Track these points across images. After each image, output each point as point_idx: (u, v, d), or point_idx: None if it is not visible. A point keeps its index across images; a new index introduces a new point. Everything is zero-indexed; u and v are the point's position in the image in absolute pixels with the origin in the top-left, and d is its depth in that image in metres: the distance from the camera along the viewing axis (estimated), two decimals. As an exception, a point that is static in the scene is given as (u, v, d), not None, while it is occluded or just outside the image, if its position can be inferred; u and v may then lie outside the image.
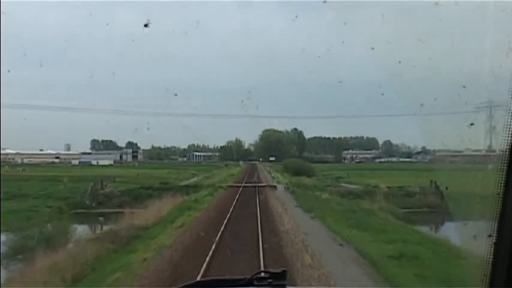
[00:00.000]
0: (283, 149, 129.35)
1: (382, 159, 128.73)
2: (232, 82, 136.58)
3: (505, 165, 2.18)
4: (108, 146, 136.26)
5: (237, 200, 31.66)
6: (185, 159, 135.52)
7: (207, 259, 13.50)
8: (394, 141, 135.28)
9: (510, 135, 2.19)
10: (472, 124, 4.94)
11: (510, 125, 2.19)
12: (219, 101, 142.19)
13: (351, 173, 65.07)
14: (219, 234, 17.59)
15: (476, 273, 2.30)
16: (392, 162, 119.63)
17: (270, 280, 2.67)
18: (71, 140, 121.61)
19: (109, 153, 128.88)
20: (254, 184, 43.54)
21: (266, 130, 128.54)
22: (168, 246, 15.91)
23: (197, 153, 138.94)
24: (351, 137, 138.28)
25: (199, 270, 12.00)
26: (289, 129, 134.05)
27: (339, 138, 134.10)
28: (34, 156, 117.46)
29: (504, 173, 2.17)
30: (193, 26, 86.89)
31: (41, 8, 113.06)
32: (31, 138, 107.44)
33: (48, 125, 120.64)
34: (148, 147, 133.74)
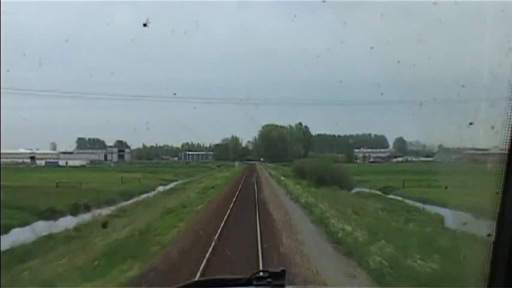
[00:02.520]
0: (286, 147, 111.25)
1: (400, 159, 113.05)
2: (231, 81, 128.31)
3: (504, 164, 2.12)
4: (95, 144, 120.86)
5: None
6: (176, 159, 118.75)
7: None
8: (407, 139, 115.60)
9: (510, 135, 2.12)
10: (471, 123, 4.36)
11: (510, 124, 2.13)
12: (218, 100, 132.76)
13: (390, 178, 43.17)
14: None
15: (476, 272, 2.23)
16: (413, 162, 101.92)
17: (269, 280, 2.52)
18: (65, 139, 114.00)
19: (92, 153, 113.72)
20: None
21: (266, 125, 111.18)
22: None
23: (190, 153, 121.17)
24: (357, 135, 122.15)
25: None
26: (292, 125, 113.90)
27: (344, 136, 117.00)
28: (5, 155, 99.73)
29: (504, 173, 2.11)
30: (193, 26, 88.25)
31: (41, 8, 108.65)
32: (23, 137, 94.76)
33: (43, 124, 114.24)
34: (140, 146, 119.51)
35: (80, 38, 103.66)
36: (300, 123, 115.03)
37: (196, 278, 8.78)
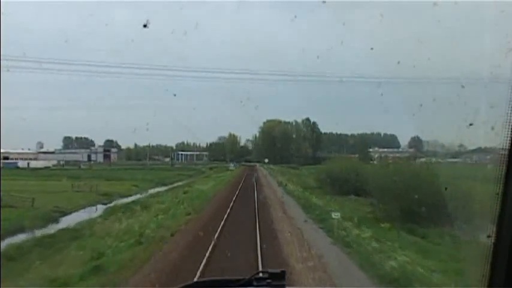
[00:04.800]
0: (291, 146, 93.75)
1: (422, 160, 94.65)
2: (231, 82, 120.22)
3: (504, 165, 2.02)
4: (82, 144, 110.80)
5: None
6: (167, 159, 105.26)
7: None
8: (423, 138, 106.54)
9: (510, 135, 2.03)
10: (471, 124, 4.23)
11: (509, 124, 2.04)
12: (218, 101, 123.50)
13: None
14: None
15: (476, 273, 2.07)
16: (439, 163, 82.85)
17: (269, 280, 2.47)
18: (60, 139, 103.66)
19: (75, 153, 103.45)
20: None
21: (269, 121, 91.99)
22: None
23: (182, 153, 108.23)
24: (366, 134, 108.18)
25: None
26: (298, 120, 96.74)
27: (352, 135, 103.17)
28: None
29: (503, 173, 2.01)
30: (193, 26, 79.47)
31: (41, 8, 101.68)
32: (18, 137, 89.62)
33: (42, 124, 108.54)
34: (131, 145, 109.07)
35: (80, 39, 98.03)
36: (308, 119, 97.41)
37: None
